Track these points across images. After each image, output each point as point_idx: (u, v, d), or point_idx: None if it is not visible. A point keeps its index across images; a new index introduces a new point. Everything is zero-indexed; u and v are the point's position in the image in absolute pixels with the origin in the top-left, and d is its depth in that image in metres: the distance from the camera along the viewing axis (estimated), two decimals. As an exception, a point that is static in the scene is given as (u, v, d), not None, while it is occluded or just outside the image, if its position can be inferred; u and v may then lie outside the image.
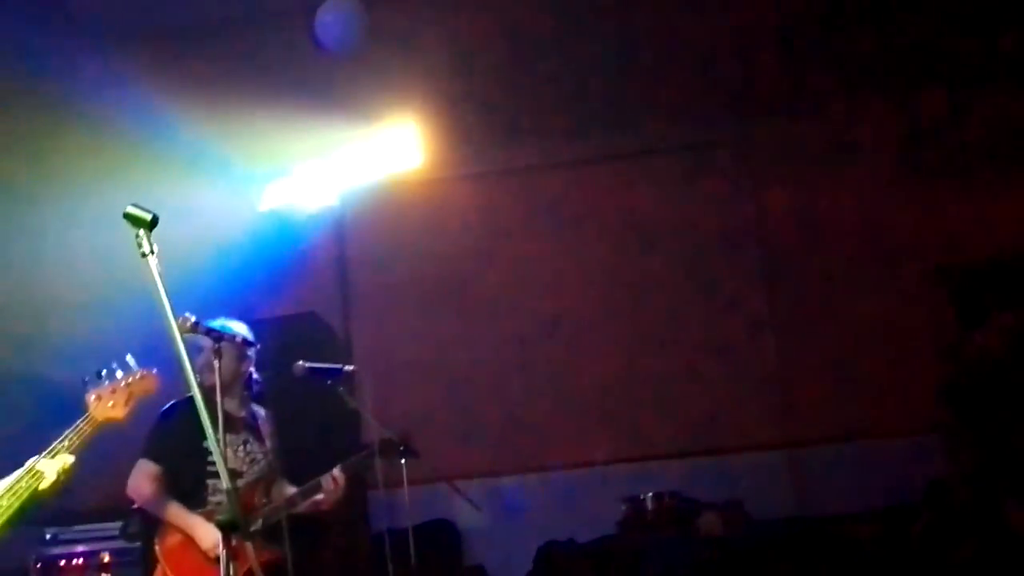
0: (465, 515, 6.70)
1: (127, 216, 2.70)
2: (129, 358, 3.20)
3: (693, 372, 6.96)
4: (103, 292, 5.76)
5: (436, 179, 7.11)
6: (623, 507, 6.31)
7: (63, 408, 3.33)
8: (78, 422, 3.21)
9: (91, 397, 3.27)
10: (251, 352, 4.50)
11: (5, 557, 5.11)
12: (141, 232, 2.69)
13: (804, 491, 6.64)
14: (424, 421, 5.92)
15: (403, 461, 4.68)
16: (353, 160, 6.82)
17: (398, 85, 6.33)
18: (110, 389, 3.27)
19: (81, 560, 5.39)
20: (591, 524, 6.39)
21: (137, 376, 3.32)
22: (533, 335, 7.17)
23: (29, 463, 3.09)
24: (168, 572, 4.21)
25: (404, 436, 4.71)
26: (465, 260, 7.24)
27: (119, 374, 3.33)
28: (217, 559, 2.99)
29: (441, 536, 6.74)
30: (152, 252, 2.70)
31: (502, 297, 7.25)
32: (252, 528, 4.19)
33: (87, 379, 3.29)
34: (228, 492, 2.74)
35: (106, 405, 3.25)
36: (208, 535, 4.07)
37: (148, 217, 2.70)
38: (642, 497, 6.26)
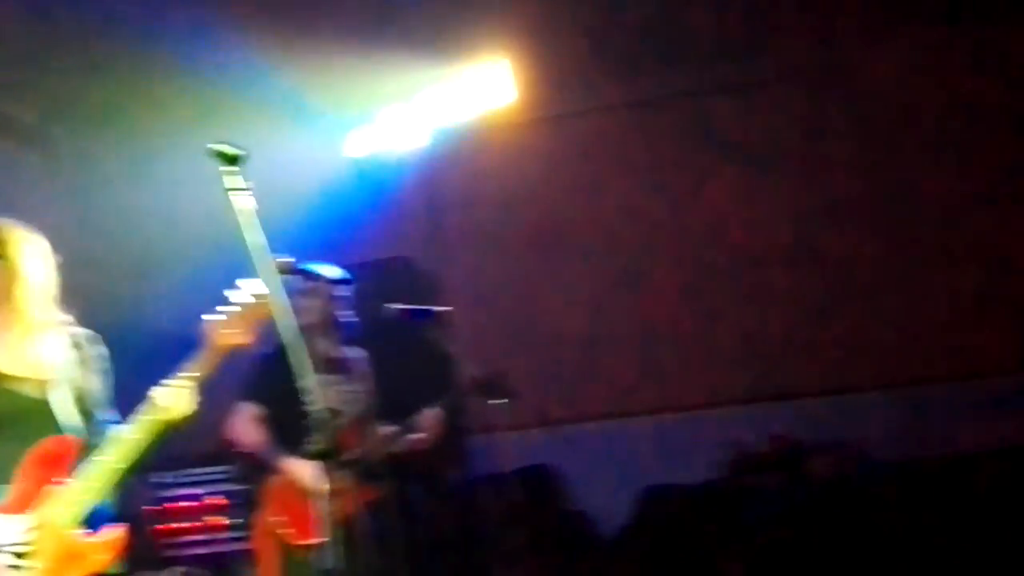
0: (566, 459, 6.69)
1: (212, 153, 2.70)
2: (251, 283, 3.17)
3: (803, 308, 6.72)
4: (200, 243, 5.84)
5: (529, 119, 6.97)
6: (728, 451, 6.16)
7: (167, 360, 3.35)
8: (200, 351, 3.16)
9: (211, 328, 3.26)
10: (344, 292, 4.50)
11: (123, 500, 5.27)
12: (227, 168, 2.71)
13: (920, 432, 6.35)
14: (519, 364, 5.85)
15: (497, 402, 4.63)
16: (443, 101, 6.74)
17: (489, 18, 6.18)
18: (228, 318, 3.25)
19: (192, 502, 5.50)
20: (694, 469, 6.26)
21: (255, 301, 3.29)
22: (634, 277, 7.02)
23: (153, 397, 3.12)
24: (272, 512, 4.28)
25: (497, 377, 4.66)
26: (560, 203, 7.12)
27: (237, 302, 3.33)
28: (321, 501, 2.98)
29: (539, 482, 6.71)
30: (239, 189, 2.71)
31: (600, 240, 7.12)
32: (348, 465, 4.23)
33: (207, 312, 3.30)
34: (320, 421, 2.73)
35: (229, 332, 3.11)
36: (308, 475, 4.11)
37: (234, 153, 2.70)
38: (751, 440, 6.10)
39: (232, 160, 2.70)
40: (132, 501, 5.76)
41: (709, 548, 5.69)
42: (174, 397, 3.06)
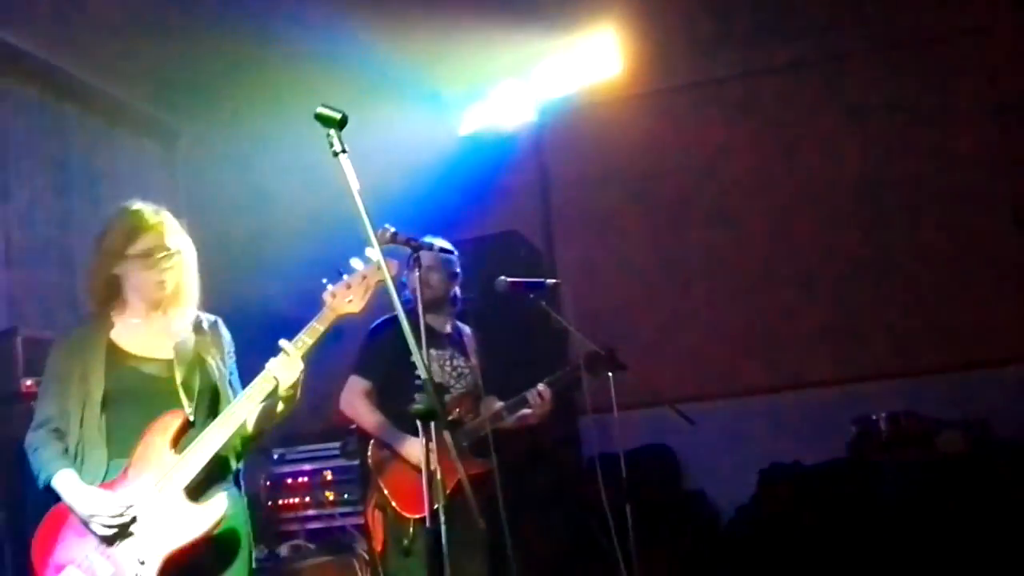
0: (683, 439, 6.54)
1: (317, 117, 2.71)
2: (369, 251, 3.16)
3: (929, 282, 6.41)
4: (314, 217, 5.90)
5: (639, 93, 6.82)
6: (853, 428, 5.90)
7: (283, 330, 3.37)
8: (312, 321, 3.20)
9: (327, 295, 3.23)
10: (454, 266, 4.46)
11: (241, 477, 5.39)
12: (332, 132, 2.72)
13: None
14: (633, 340, 5.73)
15: (611, 376, 4.51)
16: (551, 74, 6.67)
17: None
18: (345, 284, 3.22)
19: (306, 478, 5.59)
20: (818, 447, 6.02)
21: (373, 267, 3.22)
22: (750, 252, 6.80)
23: (267, 367, 3.13)
24: (382, 487, 4.26)
25: (610, 350, 4.53)
26: (674, 175, 6.93)
27: (357, 268, 3.27)
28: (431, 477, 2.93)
29: (657, 461, 6.58)
30: (344, 151, 2.71)
31: (714, 214, 6.91)
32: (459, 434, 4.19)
33: (326, 280, 3.27)
34: (425, 383, 2.68)
35: (343, 300, 3.19)
36: (415, 451, 4.06)
37: (338, 116, 2.70)
38: (875, 417, 5.81)
39: (336, 123, 2.70)
40: (249, 478, 5.89)
41: (835, 527, 5.47)
42: (284, 365, 3.10)
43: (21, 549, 4.53)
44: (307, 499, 5.50)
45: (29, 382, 4.82)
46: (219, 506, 3.00)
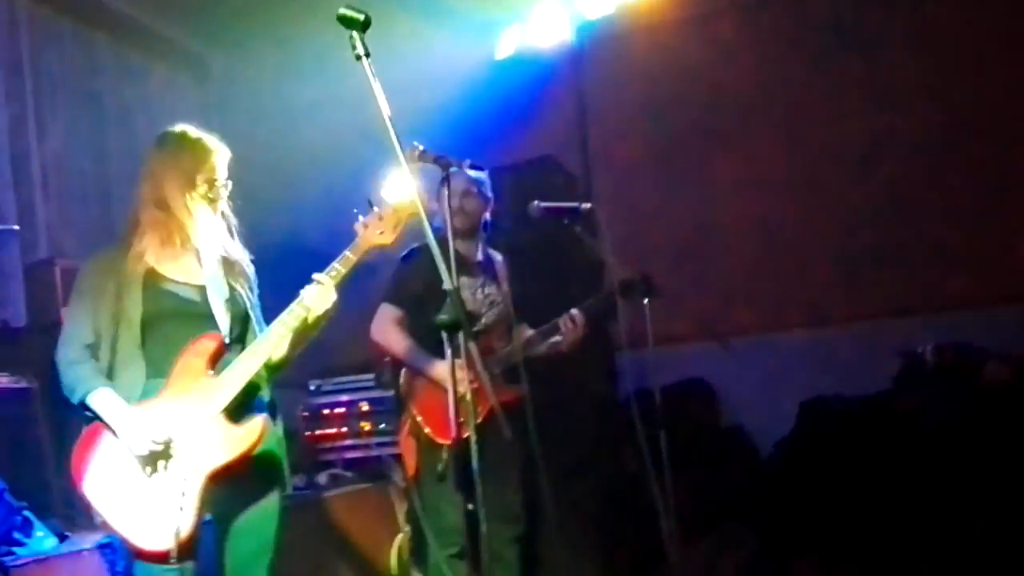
0: (721, 374, 6.47)
1: (340, 18, 2.66)
2: (401, 184, 3.16)
3: (976, 213, 6.20)
4: (347, 147, 5.86)
5: (680, 17, 6.64)
6: (899, 361, 5.78)
7: (316, 260, 3.36)
8: (345, 251, 3.23)
9: (359, 226, 3.27)
10: (482, 182, 4.39)
11: (278, 407, 5.43)
12: (355, 34, 2.67)
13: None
14: (670, 270, 5.64)
15: (646, 303, 4.43)
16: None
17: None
18: (378, 216, 3.26)
19: (343, 409, 5.64)
20: (861, 381, 5.89)
21: (405, 201, 3.24)
22: (791, 180, 6.63)
23: (301, 295, 3.16)
24: (414, 413, 4.26)
25: (645, 275, 4.44)
26: (714, 97, 6.77)
27: (387, 201, 3.32)
28: (460, 399, 2.90)
29: (694, 396, 6.51)
30: (367, 55, 2.66)
31: (759, 141, 6.74)
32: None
33: (357, 211, 3.30)
34: (451, 293, 2.63)
35: (374, 232, 3.24)
36: (446, 373, 4.02)
37: (361, 17, 2.65)
38: (920, 350, 5.69)
39: (359, 24, 2.65)
40: (287, 410, 5.93)
41: (877, 460, 5.38)
42: (318, 294, 3.13)
43: (70, 478, 4.68)
44: (344, 429, 5.56)
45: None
46: (257, 427, 3.02)
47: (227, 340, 3.11)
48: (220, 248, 3.24)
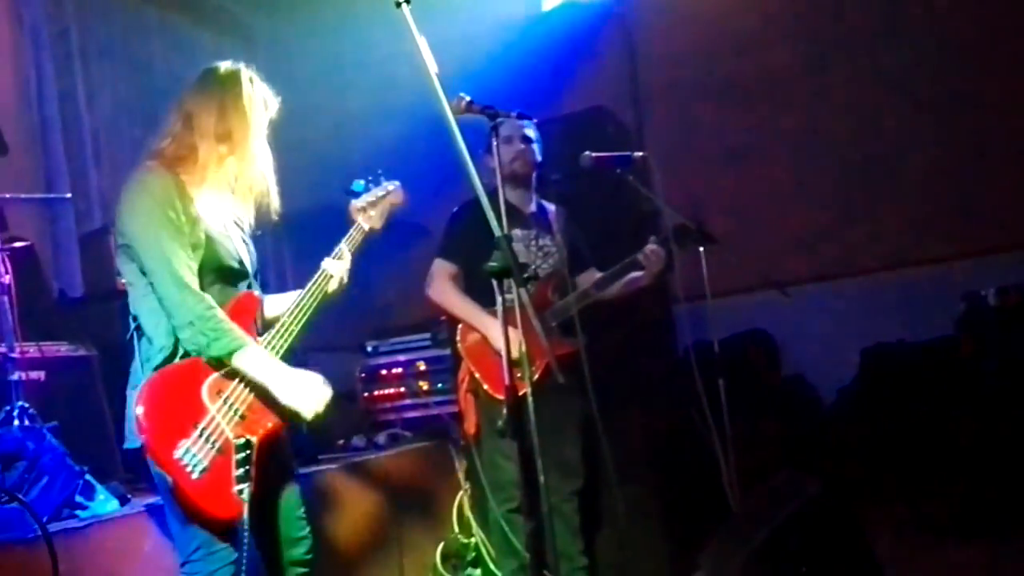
0: (781, 323, 6.37)
1: None
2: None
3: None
4: (393, 112, 5.84)
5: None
6: (962, 305, 5.64)
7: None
8: (351, 230, 3.31)
9: (357, 207, 3.35)
10: (536, 141, 4.32)
11: (335, 368, 5.46)
12: None
13: None
14: (725, 219, 5.53)
15: (701, 251, 4.35)
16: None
17: None
18: (371, 200, 3.37)
19: (400, 369, 5.65)
20: (923, 327, 5.79)
21: (390, 188, 3.42)
22: (850, 126, 6.45)
23: (321, 266, 3.19)
24: (472, 370, 4.24)
25: (699, 222, 4.37)
26: (766, 44, 6.59)
27: (383, 185, 3.44)
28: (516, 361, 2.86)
29: (754, 346, 6.42)
30: (407, 1, 2.62)
31: (814, 87, 6.56)
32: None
33: (348, 189, 3.39)
34: (498, 240, 2.59)
35: (368, 215, 3.34)
36: (501, 330, 3.99)
37: None
38: (983, 293, 5.55)
39: None
40: (344, 371, 5.97)
41: (941, 405, 5.27)
42: (333, 268, 3.19)
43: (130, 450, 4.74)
44: (402, 389, 5.58)
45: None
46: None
47: (259, 300, 3.09)
48: (255, 203, 3.12)
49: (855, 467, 5.24)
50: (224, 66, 3.10)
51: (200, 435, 2.75)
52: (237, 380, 2.87)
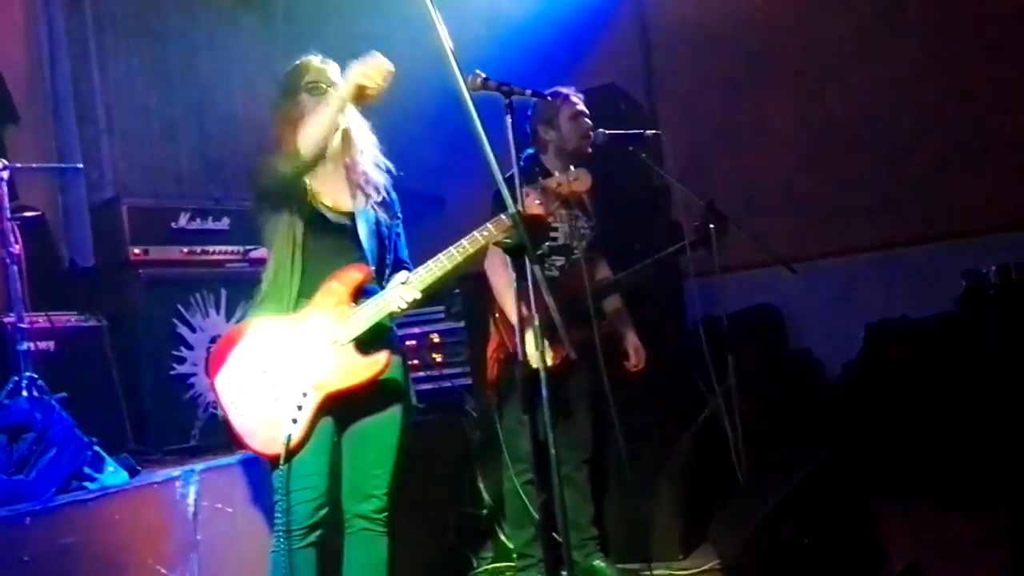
0: (788, 298, 6.42)
1: None
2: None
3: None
4: (417, 83, 5.81)
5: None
6: (963, 282, 5.69)
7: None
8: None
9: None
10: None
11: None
12: None
13: None
14: (735, 196, 5.56)
15: (711, 228, 4.39)
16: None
17: None
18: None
19: (413, 341, 5.61)
20: (926, 303, 5.85)
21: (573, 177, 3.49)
22: (856, 105, 6.47)
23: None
24: (507, 341, 4.19)
25: (710, 200, 4.41)
26: (782, 23, 6.58)
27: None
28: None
29: (761, 320, 6.48)
30: None
31: (825, 67, 6.56)
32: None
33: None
34: (513, 216, 2.63)
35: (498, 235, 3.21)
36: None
37: None
38: (985, 270, 5.60)
39: None
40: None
41: (944, 380, 5.34)
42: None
43: (139, 413, 4.75)
44: (415, 361, 5.53)
45: (137, 250, 4.94)
46: (380, 362, 3.16)
47: (368, 271, 3.22)
48: (368, 175, 3.34)
49: (860, 440, 5.31)
50: (308, 60, 3.61)
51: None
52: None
